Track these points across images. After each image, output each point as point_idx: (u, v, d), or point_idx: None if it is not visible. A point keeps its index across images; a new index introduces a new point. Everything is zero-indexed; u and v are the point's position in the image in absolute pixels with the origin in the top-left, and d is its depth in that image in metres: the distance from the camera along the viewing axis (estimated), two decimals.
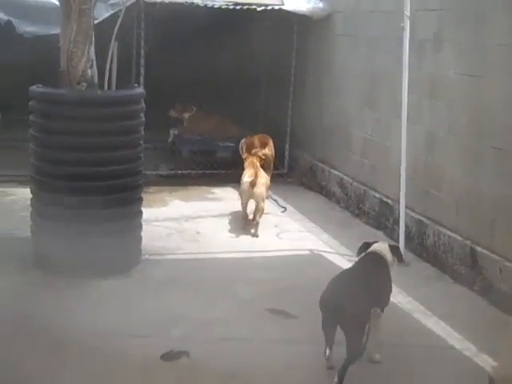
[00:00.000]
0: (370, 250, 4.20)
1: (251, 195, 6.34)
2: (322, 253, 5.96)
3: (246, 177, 6.48)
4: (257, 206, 6.36)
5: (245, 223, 6.41)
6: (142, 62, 7.96)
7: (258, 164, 6.88)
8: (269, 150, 7.49)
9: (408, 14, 5.58)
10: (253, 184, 6.33)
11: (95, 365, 3.94)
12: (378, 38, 6.79)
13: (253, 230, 6.32)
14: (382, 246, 4.23)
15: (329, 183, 7.73)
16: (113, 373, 3.86)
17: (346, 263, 5.68)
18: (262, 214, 6.41)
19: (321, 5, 7.87)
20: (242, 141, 7.65)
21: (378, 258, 4.14)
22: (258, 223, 6.33)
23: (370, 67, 6.94)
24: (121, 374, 3.86)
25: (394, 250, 4.29)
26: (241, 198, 6.47)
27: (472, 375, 3.99)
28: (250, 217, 6.43)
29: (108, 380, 3.81)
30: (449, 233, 5.51)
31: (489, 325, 4.54)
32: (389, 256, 4.17)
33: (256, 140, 7.51)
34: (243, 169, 8.06)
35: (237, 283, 5.15)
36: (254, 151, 7.21)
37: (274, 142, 7.73)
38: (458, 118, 5.50)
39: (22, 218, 5.68)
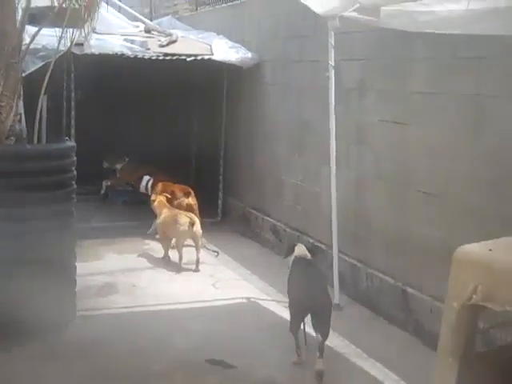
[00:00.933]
0: (296, 254, 5.14)
1: (191, 235, 6.71)
2: (258, 300, 5.98)
3: (182, 217, 6.77)
4: (196, 245, 6.72)
5: (180, 265, 6.70)
6: (73, 113, 7.92)
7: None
8: (192, 200, 7.65)
9: (332, 64, 5.77)
10: (192, 223, 6.70)
11: None
12: (305, 86, 6.99)
13: (194, 267, 6.68)
14: (302, 249, 5.20)
15: (262, 230, 7.81)
16: None
17: (283, 310, 5.73)
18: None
19: (249, 55, 8.05)
20: (147, 178, 7.84)
21: (306, 259, 5.08)
22: (198, 259, 6.72)
23: (299, 114, 7.12)
24: None
25: (311, 249, 5.37)
26: (178, 238, 6.77)
27: None
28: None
29: None
30: (381, 275, 5.64)
31: (423, 364, 4.63)
32: (309, 256, 5.12)
33: (177, 189, 7.74)
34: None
35: (175, 335, 5.10)
36: (177, 201, 7.52)
37: (195, 192, 7.90)
38: (384, 163, 5.69)
39: None
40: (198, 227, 6.75)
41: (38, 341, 4.83)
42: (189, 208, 7.46)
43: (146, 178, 8.38)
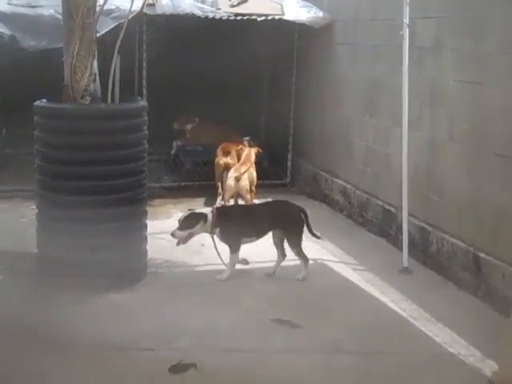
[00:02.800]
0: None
1: (236, 188, 7.02)
2: (326, 262, 5.99)
3: (230, 172, 7.17)
4: (244, 199, 7.03)
5: None
6: (145, 74, 8.01)
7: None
8: (231, 159, 7.62)
9: (407, 22, 5.62)
10: (237, 179, 6.99)
11: (104, 379, 3.97)
12: (377, 46, 6.83)
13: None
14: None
15: (332, 192, 7.77)
16: None
17: (350, 272, 5.75)
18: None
19: (321, 14, 7.92)
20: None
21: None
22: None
23: (370, 75, 6.98)
24: None
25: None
26: (225, 192, 7.10)
27: (477, 381, 4.02)
28: None
29: None
30: (452, 239, 5.54)
31: (493, 330, 4.55)
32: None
33: (220, 149, 7.85)
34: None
35: (242, 295, 5.18)
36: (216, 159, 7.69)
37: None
38: (458, 125, 5.54)
39: (30, 234, 5.70)
40: (244, 182, 7.02)
41: (111, 296, 4.98)
42: (226, 167, 7.55)
43: None
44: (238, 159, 7.53)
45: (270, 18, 7.81)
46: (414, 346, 4.49)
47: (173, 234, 5.35)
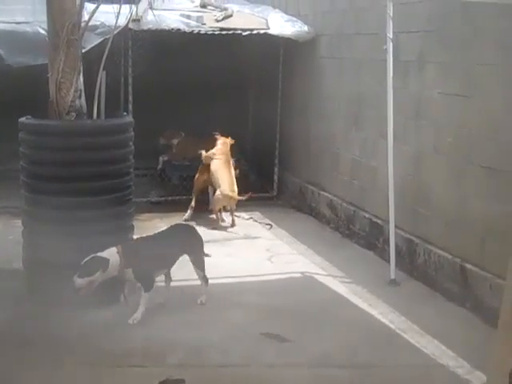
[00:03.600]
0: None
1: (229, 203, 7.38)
2: (314, 275, 5.99)
3: (225, 185, 7.36)
4: (231, 210, 7.46)
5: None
6: (130, 89, 8.01)
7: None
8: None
9: (391, 36, 5.66)
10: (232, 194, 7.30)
11: None
12: (362, 60, 6.89)
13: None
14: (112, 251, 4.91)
15: (318, 205, 7.79)
16: None
17: (338, 284, 5.76)
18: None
19: (306, 28, 7.97)
20: None
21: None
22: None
23: (355, 89, 7.03)
24: None
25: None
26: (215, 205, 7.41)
27: None
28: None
29: None
30: (439, 251, 5.57)
31: (481, 342, 4.57)
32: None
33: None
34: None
35: (231, 308, 5.17)
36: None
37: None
38: (444, 137, 5.58)
39: (17, 251, 5.66)
40: (236, 196, 7.36)
41: (99, 311, 4.95)
42: (205, 184, 7.85)
43: None
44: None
45: (254, 32, 7.86)
46: (403, 358, 4.50)
47: (74, 282, 4.72)
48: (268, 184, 8.67)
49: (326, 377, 4.23)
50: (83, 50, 5.75)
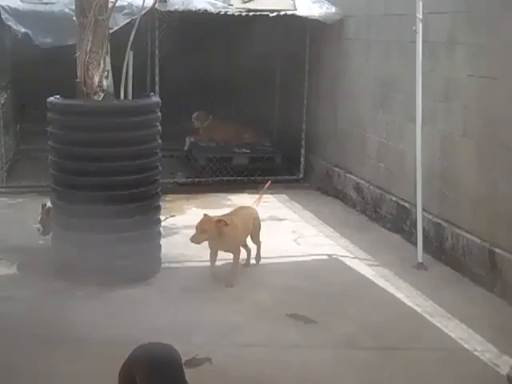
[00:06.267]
0: None
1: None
2: (340, 257, 5.97)
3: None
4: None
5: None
6: (157, 70, 8.01)
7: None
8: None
9: (420, 17, 5.58)
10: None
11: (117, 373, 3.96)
12: (390, 41, 6.80)
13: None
14: None
15: (345, 187, 7.75)
16: None
17: (364, 267, 5.73)
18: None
19: (333, 9, 7.90)
20: None
21: None
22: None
23: (383, 71, 6.95)
24: None
25: None
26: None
27: (493, 377, 4.00)
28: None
29: None
30: (467, 235, 5.50)
31: (509, 327, 4.55)
32: None
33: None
34: (259, 175, 8.17)
35: (256, 289, 5.18)
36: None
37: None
38: (472, 120, 5.50)
39: None
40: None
41: (125, 290, 4.98)
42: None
43: None
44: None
45: (282, 13, 7.80)
46: (430, 341, 4.47)
47: None
48: (294, 167, 8.63)
49: (351, 359, 4.22)
50: (110, 31, 5.75)
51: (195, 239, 5.21)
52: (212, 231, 5.17)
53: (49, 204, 5.65)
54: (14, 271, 5.47)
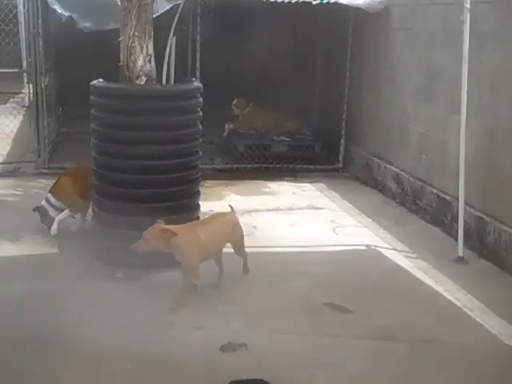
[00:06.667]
0: None
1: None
2: (378, 248, 5.91)
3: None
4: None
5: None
6: (198, 55, 8.02)
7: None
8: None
9: (468, 7, 5.47)
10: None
11: (155, 355, 3.99)
12: (436, 31, 6.69)
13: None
14: None
15: (385, 178, 7.67)
16: (175, 362, 3.92)
17: (403, 259, 5.67)
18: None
19: None
20: None
21: None
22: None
23: (428, 61, 6.84)
24: (182, 363, 3.92)
25: None
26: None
27: None
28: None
29: (170, 368, 3.87)
30: (510, 230, 5.39)
31: None
32: None
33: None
34: (298, 163, 8.18)
35: (294, 277, 5.15)
36: None
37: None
38: None
39: None
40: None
41: (164, 273, 5.01)
42: None
43: None
44: None
45: (325, 1, 7.71)
46: (468, 336, 4.41)
47: None
48: (333, 156, 8.58)
49: (387, 350, 4.19)
50: (154, 16, 5.76)
51: (135, 247, 4.51)
52: (156, 241, 4.47)
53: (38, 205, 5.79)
54: (55, 251, 5.55)
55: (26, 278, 4.96)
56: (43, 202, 5.84)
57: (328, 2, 7.72)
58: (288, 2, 7.69)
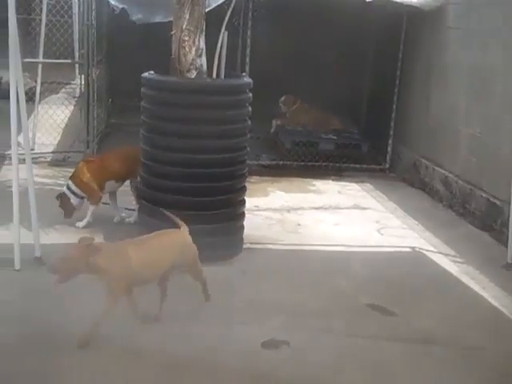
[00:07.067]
0: None
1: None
2: (424, 251, 5.83)
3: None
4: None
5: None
6: (248, 51, 8.01)
7: None
8: None
9: None
10: None
11: (196, 350, 4.01)
12: (491, 30, 6.55)
13: None
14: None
15: (433, 180, 7.55)
16: (214, 358, 3.93)
17: (448, 263, 5.58)
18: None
19: None
20: None
21: None
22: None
23: (482, 62, 6.70)
24: (222, 358, 3.93)
25: None
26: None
27: None
28: None
29: (210, 364, 3.88)
30: None
31: None
32: None
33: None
34: (344, 162, 8.14)
35: (337, 276, 5.12)
36: None
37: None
38: None
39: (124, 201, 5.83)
40: None
41: (206, 267, 5.01)
42: None
43: None
44: None
45: None
46: None
47: None
48: (381, 156, 8.49)
49: (429, 355, 4.13)
50: (206, 9, 5.77)
51: (51, 267, 3.88)
52: (73, 260, 3.81)
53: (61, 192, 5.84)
54: (101, 241, 5.59)
55: None
56: (65, 190, 5.86)
57: (381, 0, 7.62)
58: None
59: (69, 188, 5.88)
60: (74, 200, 5.86)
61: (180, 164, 5.21)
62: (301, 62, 9.82)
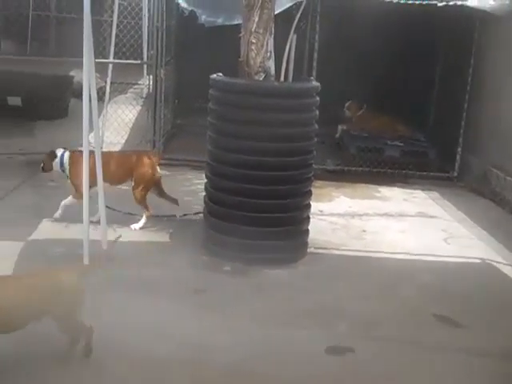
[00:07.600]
0: None
1: None
2: (493, 263, 5.65)
3: None
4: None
5: None
6: (315, 55, 7.96)
7: None
8: None
9: None
10: None
11: (262, 351, 3.98)
12: None
13: None
14: None
15: (504, 191, 7.31)
16: (278, 361, 3.89)
17: None
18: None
19: (507, 1, 7.44)
20: None
21: None
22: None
23: None
24: (286, 362, 3.89)
25: None
26: None
27: None
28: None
29: (278, 367, 3.85)
30: None
31: None
32: None
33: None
34: (410, 169, 7.97)
35: (402, 285, 5.01)
36: None
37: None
38: None
39: (194, 201, 5.86)
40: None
41: (271, 270, 5.00)
42: None
43: None
44: None
45: (451, 3, 7.46)
46: None
47: None
48: (448, 164, 8.29)
49: (501, 370, 3.99)
50: (275, 12, 5.76)
51: None
52: None
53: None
54: (166, 240, 5.64)
55: (139, 264, 5.05)
56: (60, 153, 5.85)
57: (454, 5, 7.45)
58: (412, 4, 7.49)
59: (62, 157, 5.83)
60: (55, 166, 5.86)
61: (246, 166, 5.19)
62: (368, 68, 9.70)
